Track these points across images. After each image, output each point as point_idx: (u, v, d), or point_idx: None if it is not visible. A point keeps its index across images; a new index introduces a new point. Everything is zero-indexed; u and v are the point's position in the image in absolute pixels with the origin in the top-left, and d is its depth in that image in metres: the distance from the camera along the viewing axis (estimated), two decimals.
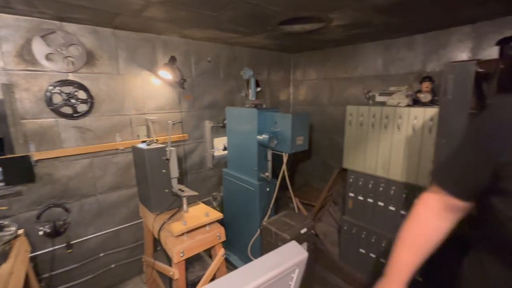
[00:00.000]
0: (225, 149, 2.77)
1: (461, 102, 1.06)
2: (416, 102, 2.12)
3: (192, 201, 2.01)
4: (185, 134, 2.68)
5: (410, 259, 0.79)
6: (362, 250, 2.44)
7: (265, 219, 2.34)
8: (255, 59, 3.23)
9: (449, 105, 1.09)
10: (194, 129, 2.77)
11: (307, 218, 2.26)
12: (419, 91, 2.12)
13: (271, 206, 2.39)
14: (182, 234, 1.65)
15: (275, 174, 2.38)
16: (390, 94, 2.33)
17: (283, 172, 2.30)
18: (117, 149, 2.26)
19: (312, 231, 2.19)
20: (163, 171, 1.83)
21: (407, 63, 2.55)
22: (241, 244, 2.54)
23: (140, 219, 2.39)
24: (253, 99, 2.41)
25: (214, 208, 2.84)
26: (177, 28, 2.20)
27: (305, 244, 2.12)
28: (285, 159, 2.26)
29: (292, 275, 0.56)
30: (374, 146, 2.25)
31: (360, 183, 2.39)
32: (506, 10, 1.83)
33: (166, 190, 1.86)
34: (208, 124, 2.80)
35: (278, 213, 2.29)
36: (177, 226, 1.65)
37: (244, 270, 0.53)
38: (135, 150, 1.96)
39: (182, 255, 1.59)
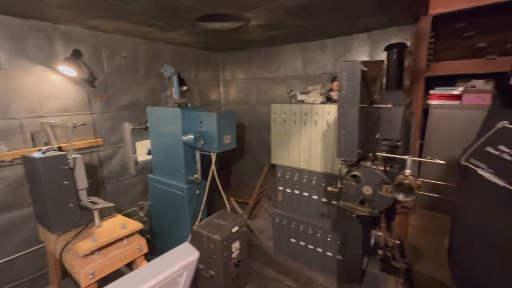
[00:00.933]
0: (149, 153, 2.54)
1: (353, 97, 1.20)
2: (329, 100, 2.36)
3: (107, 213, 1.77)
4: (99, 139, 2.36)
5: None
6: (292, 240, 2.58)
7: (197, 222, 2.25)
8: (179, 57, 3.08)
9: (345, 99, 1.23)
10: (111, 133, 2.46)
11: (239, 216, 2.27)
12: (331, 89, 2.36)
13: (201, 208, 2.31)
14: (92, 252, 1.44)
15: (206, 176, 2.31)
16: (308, 93, 2.53)
17: (213, 172, 2.25)
18: (3, 161, 1.83)
19: (245, 229, 2.21)
20: (65, 182, 1.56)
21: (322, 65, 2.82)
22: None
23: (42, 243, 1.99)
24: (177, 98, 2.28)
25: (141, 218, 2.60)
26: (79, 17, 1.91)
27: (237, 242, 2.12)
28: (213, 159, 2.22)
29: (179, 279, 0.53)
30: (296, 141, 2.41)
31: (287, 176, 2.53)
32: (391, 22, 2.22)
33: (71, 205, 1.59)
34: (128, 127, 2.53)
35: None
36: (84, 245, 1.42)
37: (124, 280, 0.46)
38: (26, 160, 1.61)
39: (92, 277, 1.38)
